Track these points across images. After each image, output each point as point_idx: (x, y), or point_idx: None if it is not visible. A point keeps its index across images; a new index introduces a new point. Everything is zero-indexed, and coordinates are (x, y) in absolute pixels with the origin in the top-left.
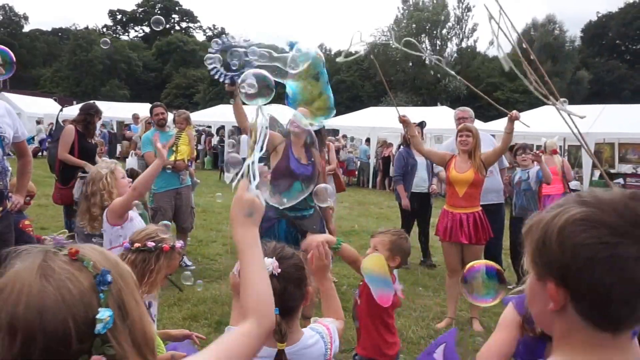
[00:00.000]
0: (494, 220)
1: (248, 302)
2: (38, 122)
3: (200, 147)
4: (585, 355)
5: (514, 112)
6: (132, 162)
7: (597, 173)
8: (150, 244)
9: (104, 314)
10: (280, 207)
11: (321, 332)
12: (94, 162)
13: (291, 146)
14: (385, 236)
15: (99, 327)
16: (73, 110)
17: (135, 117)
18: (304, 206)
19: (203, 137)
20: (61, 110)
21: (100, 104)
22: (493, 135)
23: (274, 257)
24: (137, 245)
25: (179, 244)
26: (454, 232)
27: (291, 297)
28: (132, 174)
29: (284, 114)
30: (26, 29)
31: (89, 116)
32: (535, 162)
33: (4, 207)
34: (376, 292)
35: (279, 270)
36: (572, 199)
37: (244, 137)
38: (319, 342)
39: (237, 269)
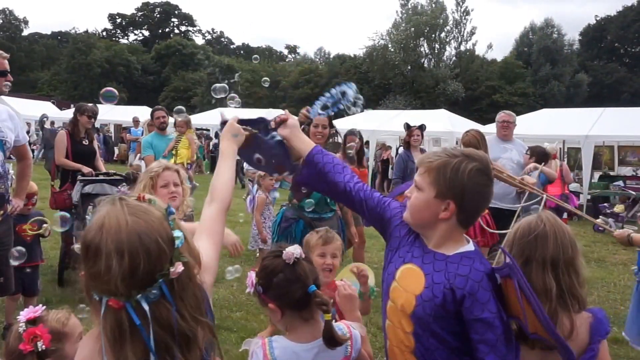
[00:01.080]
0: (509, 224)
1: (216, 188)
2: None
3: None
4: (458, 243)
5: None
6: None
7: (596, 175)
8: None
9: (179, 233)
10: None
11: (342, 329)
12: (91, 165)
13: None
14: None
15: (177, 242)
16: (70, 114)
17: (135, 121)
18: (323, 209)
19: (202, 140)
20: (45, 117)
21: (99, 107)
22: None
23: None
24: None
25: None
26: None
27: (317, 278)
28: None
29: None
30: (25, 32)
31: (74, 117)
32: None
33: (5, 211)
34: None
35: (303, 255)
36: (458, 151)
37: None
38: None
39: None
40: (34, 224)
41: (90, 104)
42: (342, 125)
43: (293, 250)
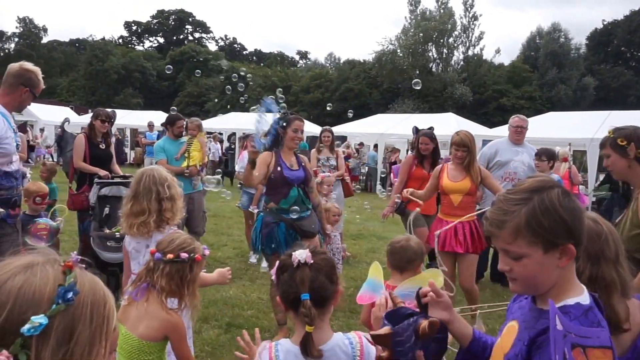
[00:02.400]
0: None
1: None
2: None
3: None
4: (577, 287)
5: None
6: None
7: (601, 177)
8: (184, 255)
9: (38, 319)
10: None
11: (351, 338)
12: (108, 168)
13: (281, 155)
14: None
15: (25, 327)
16: (88, 119)
17: (150, 125)
18: (301, 208)
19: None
20: (67, 121)
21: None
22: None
23: (307, 250)
24: (170, 256)
25: (207, 250)
26: (448, 241)
27: (322, 286)
28: None
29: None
30: (45, 40)
31: (91, 121)
32: (552, 168)
33: (17, 213)
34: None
35: (312, 260)
36: (522, 190)
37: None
38: (347, 348)
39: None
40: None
41: (106, 109)
42: (351, 129)
43: (298, 255)
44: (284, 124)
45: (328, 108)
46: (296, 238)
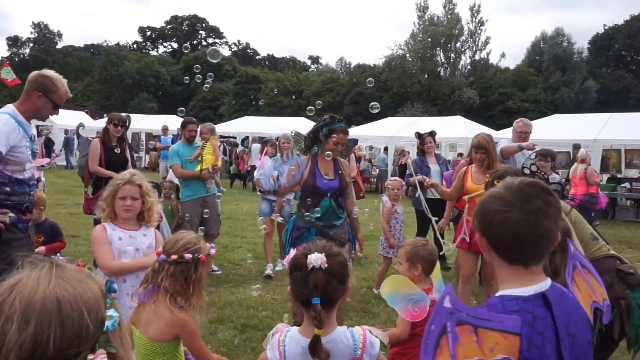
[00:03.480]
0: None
1: None
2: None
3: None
4: (510, 283)
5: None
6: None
7: (604, 177)
8: (188, 255)
9: (114, 313)
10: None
11: (354, 331)
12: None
13: (317, 163)
14: (403, 249)
15: (108, 323)
16: (103, 123)
17: (164, 129)
18: (332, 217)
19: (227, 148)
20: (81, 126)
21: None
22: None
23: (323, 254)
24: (174, 257)
25: (212, 249)
26: (474, 241)
27: (333, 290)
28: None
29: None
30: (60, 45)
31: (105, 126)
32: (553, 170)
33: (29, 218)
34: (400, 310)
35: (326, 265)
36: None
37: (255, 146)
38: (349, 341)
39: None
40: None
41: (120, 114)
42: (362, 132)
43: (314, 260)
44: (327, 131)
45: (309, 113)
46: None
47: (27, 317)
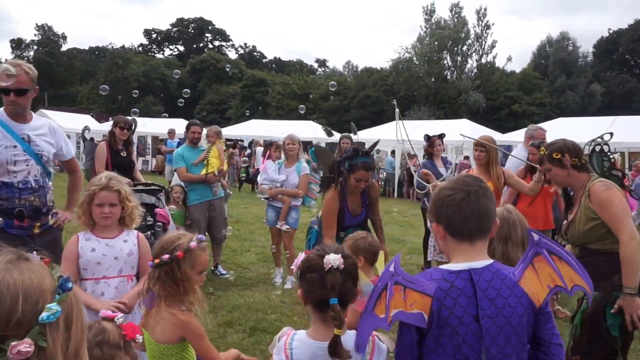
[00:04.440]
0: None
1: None
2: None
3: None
4: (458, 258)
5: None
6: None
7: None
8: (165, 256)
9: (54, 306)
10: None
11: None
12: (129, 175)
13: (347, 198)
14: (345, 244)
15: (44, 314)
16: (109, 126)
17: (170, 132)
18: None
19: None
20: (87, 129)
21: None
22: (510, 146)
23: (340, 254)
24: (156, 261)
25: (193, 242)
26: None
27: (348, 291)
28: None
29: None
30: (64, 48)
31: (111, 129)
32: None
33: (43, 223)
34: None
35: (343, 265)
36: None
37: (259, 149)
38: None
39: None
40: None
41: (126, 117)
42: (369, 135)
43: (332, 260)
44: (349, 166)
45: (300, 111)
46: None
47: None
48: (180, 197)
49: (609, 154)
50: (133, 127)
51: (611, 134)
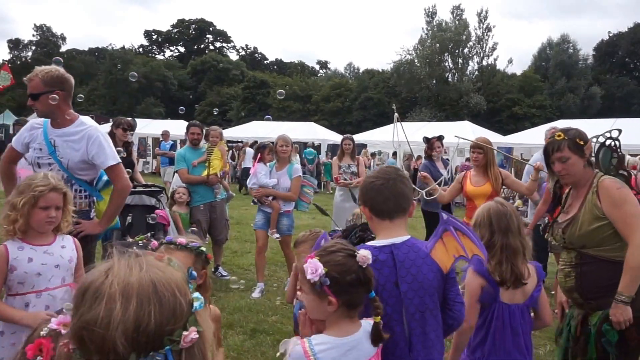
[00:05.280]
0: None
1: None
2: None
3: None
4: (380, 233)
5: (539, 163)
6: (177, 179)
7: None
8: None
9: (199, 295)
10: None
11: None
12: (129, 177)
13: None
14: (306, 243)
15: (197, 304)
16: (108, 128)
17: (165, 134)
18: None
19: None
20: None
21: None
22: (511, 148)
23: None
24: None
25: (155, 242)
26: None
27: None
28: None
29: None
30: (63, 49)
31: (111, 130)
32: None
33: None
34: None
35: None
36: None
37: (248, 150)
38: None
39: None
40: None
41: (126, 118)
42: (370, 137)
43: (368, 256)
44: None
45: (279, 97)
46: None
47: (127, 296)
48: (184, 199)
49: (618, 150)
50: (133, 129)
51: (619, 130)
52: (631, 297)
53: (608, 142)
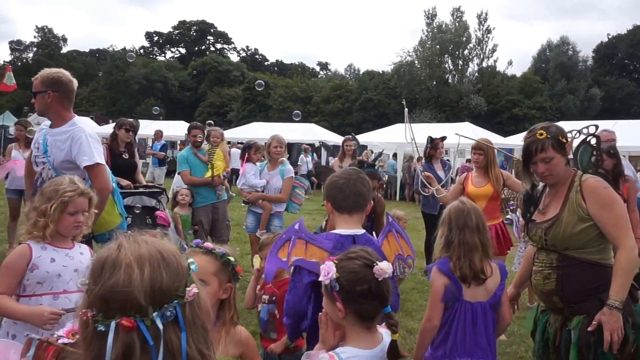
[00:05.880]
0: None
1: None
2: None
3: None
4: (339, 226)
5: None
6: (178, 180)
7: None
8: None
9: (191, 260)
10: None
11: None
12: (131, 178)
13: None
14: (270, 247)
15: (193, 266)
16: (109, 129)
17: (157, 134)
18: None
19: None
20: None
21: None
22: (511, 149)
23: (385, 261)
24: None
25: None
26: None
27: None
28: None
29: None
30: (64, 50)
31: (113, 131)
32: None
33: None
34: None
35: (391, 274)
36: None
37: (234, 150)
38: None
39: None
40: None
41: (129, 119)
42: (371, 138)
43: (387, 269)
44: None
45: (258, 88)
46: None
47: (141, 264)
48: (187, 200)
49: (598, 148)
50: (136, 130)
51: (596, 126)
52: (623, 302)
53: (590, 139)
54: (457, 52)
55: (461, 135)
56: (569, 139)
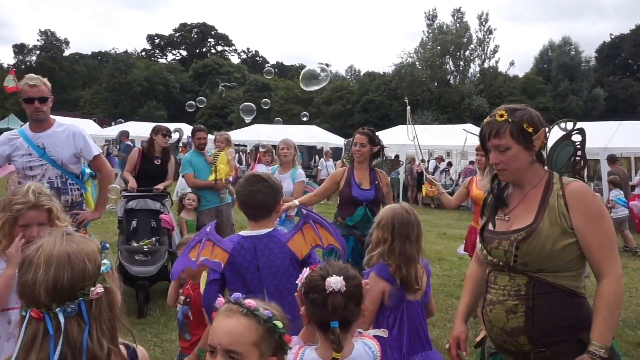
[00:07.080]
0: None
1: None
2: None
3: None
4: (249, 229)
5: None
6: (182, 183)
7: None
8: None
9: (107, 262)
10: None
11: (368, 343)
12: (154, 184)
13: (353, 171)
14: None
15: (103, 267)
16: (111, 131)
17: (124, 133)
18: (367, 225)
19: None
20: (123, 134)
21: (138, 125)
22: None
23: (342, 276)
24: None
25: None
26: (469, 244)
27: (351, 313)
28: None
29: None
30: (67, 53)
31: (150, 137)
32: None
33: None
34: None
35: (345, 288)
36: None
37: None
38: (368, 354)
39: None
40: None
41: (164, 124)
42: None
43: (333, 283)
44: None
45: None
46: (363, 253)
47: (49, 264)
48: (194, 205)
49: (581, 148)
50: (172, 136)
51: (574, 122)
52: (608, 349)
53: (575, 136)
54: (458, 53)
55: (468, 132)
56: (541, 131)
